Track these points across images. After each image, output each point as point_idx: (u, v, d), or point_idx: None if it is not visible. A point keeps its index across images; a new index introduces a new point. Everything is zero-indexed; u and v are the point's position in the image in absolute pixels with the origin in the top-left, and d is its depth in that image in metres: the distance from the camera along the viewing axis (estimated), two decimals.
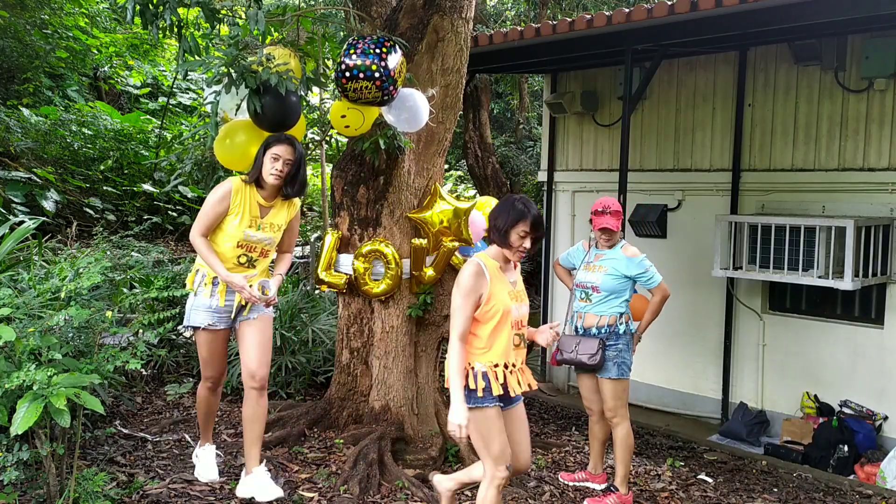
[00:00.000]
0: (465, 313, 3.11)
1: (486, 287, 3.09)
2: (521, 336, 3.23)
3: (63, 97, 12.30)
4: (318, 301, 6.05)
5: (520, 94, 12.89)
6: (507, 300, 3.13)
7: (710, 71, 6.76)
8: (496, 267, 3.19)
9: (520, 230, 3.09)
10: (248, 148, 3.58)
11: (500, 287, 3.14)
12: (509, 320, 3.13)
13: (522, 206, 3.12)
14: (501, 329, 3.13)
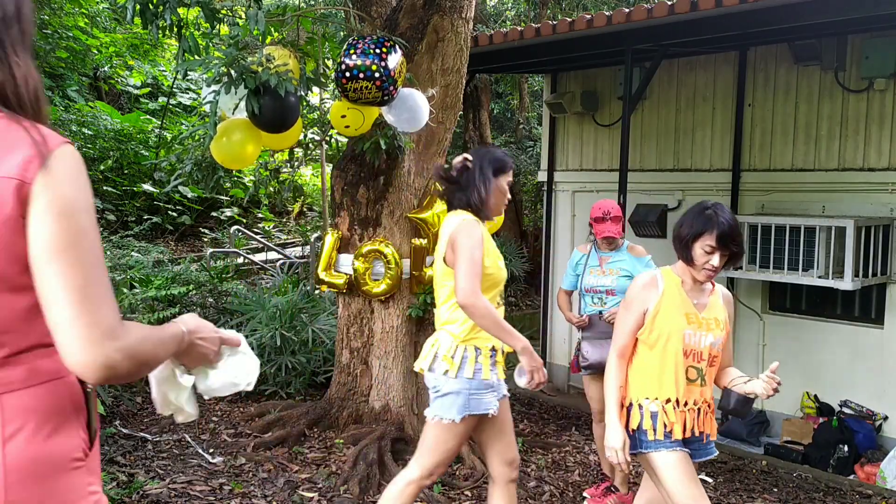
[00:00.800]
0: (624, 327, 2.73)
1: (653, 302, 2.68)
2: (700, 371, 2.67)
3: (63, 97, 12.29)
4: (318, 301, 6.05)
5: (520, 94, 12.89)
6: (681, 323, 2.64)
7: (710, 71, 6.76)
8: (677, 283, 2.71)
9: (705, 244, 2.60)
10: (245, 147, 3.57)
11: (675, 306, 2.67)
12: (679, 347, 2.64)
13: (712, 214, 2.62)
14: (668, 356, 2.66)
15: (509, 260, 9.53)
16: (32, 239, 1.08)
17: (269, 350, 5.35)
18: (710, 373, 2.72)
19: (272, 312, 5.55)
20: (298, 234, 12.17)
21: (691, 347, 2.65)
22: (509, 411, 2.96)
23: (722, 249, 2.60)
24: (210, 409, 5.16)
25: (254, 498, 3.80)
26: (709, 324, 2.68)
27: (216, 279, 6.18)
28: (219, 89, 3.26)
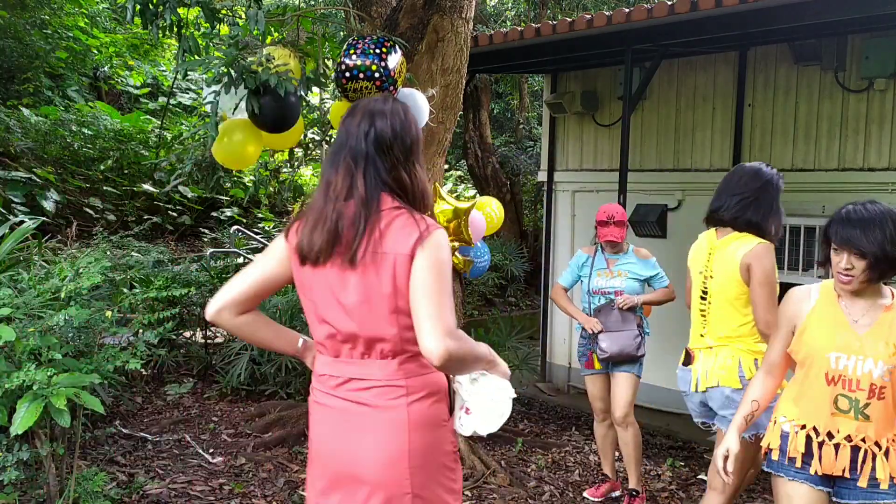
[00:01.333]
0: (774, 342, 2.48)
1: (802, 318, 2.39)
2: (853, 402, 2.26)
3: (63, 97, 12.29)
4: None
5: (520, 94, 12.89)
6: (827, 344, 2.29)
7: (710, 71, 6.76)
8: (832, 297, 2.37)
9: (832, 244, 2.35)
10: (245, 147, 3.57)
11: (824, 324, 2.33)
12: (822, 371, 2.29)
13: (847, 213, 2.32)
14: (811, 379, 2.34)
15: (509, 260, 9.53)
16: (414, 282, 1.78)
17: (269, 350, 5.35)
18: (879, 407, 2.24)
19: (272, 312, 5.55)
20: None
21: (839, 373, 2.26)
22: None
23: (846, 248, 2.25)
24: (210, 408, 5.16)
25: (254, 498, 3.80)
26: (872, 348, 2.24)
27: (216, 279, 6.18)
28: (219, 89, 3.25)
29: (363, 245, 1.81)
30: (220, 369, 5.56)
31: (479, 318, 8.62)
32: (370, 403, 1.85)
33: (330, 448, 1.91)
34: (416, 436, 1.84)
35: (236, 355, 5.45)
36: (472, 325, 6.80)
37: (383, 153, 1.87)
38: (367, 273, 1.82)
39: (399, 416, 1.84)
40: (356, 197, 1.84)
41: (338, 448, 1.89)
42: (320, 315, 1.89)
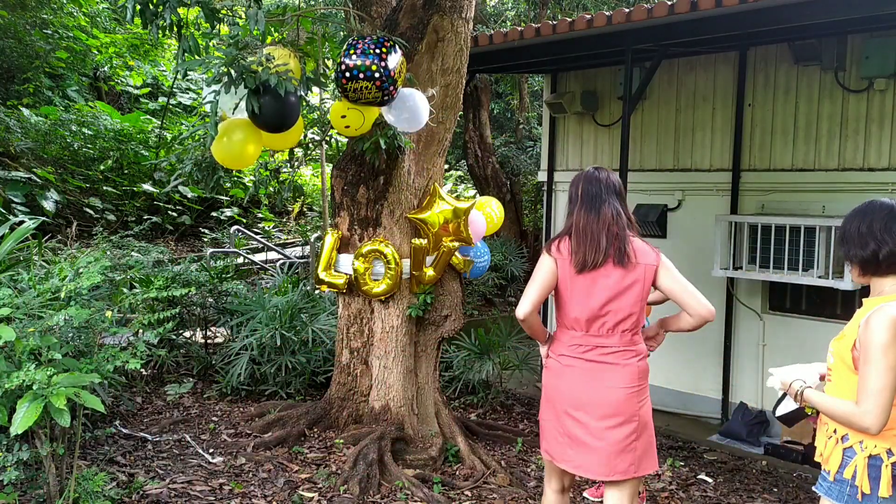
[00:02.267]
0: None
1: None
2: None
3: (63, 97, 12.29)
4: (318, 301, 6.05)
5: (520, 94, 12.90)
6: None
7: (710, 71, 6.76)
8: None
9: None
10: (245, 147, 3.57)
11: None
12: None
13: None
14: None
15: (509, 260, 9.53)
16: (670, 282, 2.91)
17: (269, 350, 5.35)
18: None
19: (272, 312, 5.55)
20: (298, 234, 12.18)
21: None
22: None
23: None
24: (210, 408, 5.16)
25: (254, 498, 3.80)
26: None
27: (216, 279, 6.18)
28: (219, 89, 3.25)
29: (624, 257, 2.85)
30: (220, 369, 5.56)
31: (479, 318, 8.62)
32: (613, 362, 2.89)
33: (577, 389, 2.91)
34: (643, 381, 2.92)
35: (236, 355, 5.45)
36: (472, 325, 6.81)
37: (622, 200, 2.96)
38: (626, 276, 2.85)
39: (633, 368, 2.90)
40: (617, 226, 2.88)
41: (584, 389, 2.90)
42: (582, 304, 2.87)
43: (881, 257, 2.32)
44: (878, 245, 2.33)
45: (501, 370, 6.29)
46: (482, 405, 6.03)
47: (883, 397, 2.21)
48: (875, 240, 2.33)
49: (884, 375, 2.21)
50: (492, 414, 5.93)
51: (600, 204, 2.91)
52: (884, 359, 2.21)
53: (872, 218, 2.36)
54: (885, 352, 2.21)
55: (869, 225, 2.36)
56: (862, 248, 2.36)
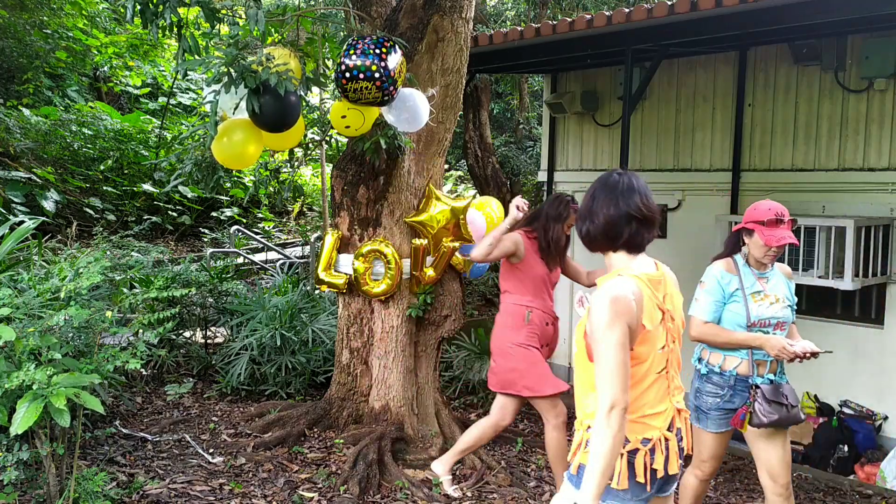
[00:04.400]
0: None
1: None
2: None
3: (63, 97, 12.29)
4: (318, 301, 6.05)
5: (520, 94, 12.89)
6: None
7: (710, 71, 6.76)
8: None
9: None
10: (246, 147, 3.57)
11: None
12: None
13: None
14: None
15: None
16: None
17: (269, 350, 5.35)
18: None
19: (272, 312, 5.55)
20: (298, 234, 12.18)
21: None
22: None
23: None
24: (210, 408, 5.16)
25: (254, 498, 3.80)
26: None
27: (216, 279, 6.18)
28: (219, 89, 3.25)
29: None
30: (220, 369, 5.56)
31: (479, 318, 8.61)
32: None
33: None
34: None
35: (236, 355, 5.45)
36: (472, 325, 6.80)
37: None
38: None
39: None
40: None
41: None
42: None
43: (599, 232, 2.28)
44: (595, 219, 2.28)
45: None
46: (482, 405, 6.02)
47: (617, 376, 2.09)
48: (594, 214, 2.29)
49: (613, 355, 2.10)
50: None
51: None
52: (610, 337, 2.11)
53: (595, 192, 2.32)
54: (609, 330, 2.11)
55: (593, 197, 2.32)
56: (584, 221, 2.33)
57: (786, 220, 3.24)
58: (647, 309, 2.19)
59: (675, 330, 2.30)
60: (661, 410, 2.25)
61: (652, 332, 2.21)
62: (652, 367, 2.23)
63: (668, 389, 2.28)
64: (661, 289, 2.28)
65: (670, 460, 2.23)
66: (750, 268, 3.35)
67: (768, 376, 3.30)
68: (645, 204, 2.25)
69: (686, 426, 2.36)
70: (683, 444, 2.31)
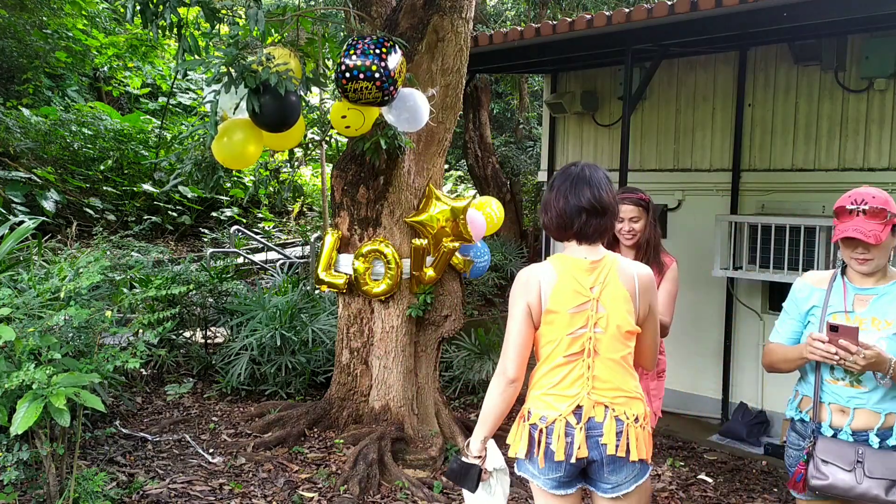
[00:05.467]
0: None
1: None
2: None
3: (63, 97, 12.29)
4: (318, 301, 6.05)
5: (520, 94, 12.89)
6: None
7: (710, 71, 6.76)
8: None
9: None
10: (246, 146, 3.57)
11: None
12: None
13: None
14: None
15: (509, 260, 9.53)
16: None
17: (269, 350, 5.35)
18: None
19: (272, 312, 5.55)
20: (298, 234, 12.18)
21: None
22: None
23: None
24: (210, 409, 5.16)
25: (254, 498, 3.80)
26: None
27: (216, 279, 6.18)
28: (219, 89, 3.25)
29: None
30: (220, 369, 5.56)
31: (479, 318, 8.61)
32: None
33: None
34: None
35: (236, 355, 5.45)
36: (472, 325, 6.81)
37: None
38: None
39: None
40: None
41: None
42: None
43: (552, 223, 2.37)
44: (548, 210, 2.38)
45: None
46: (482, 405, 6.03)
47: (509, 346, 2.31)
48: (548, 206, 2.38)
49: (510, 327, 2.32)
50: None
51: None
52: (511, 311, 2.34)
53: (552, 183, 2.41)
54: (511, 305, 2.34)
55: (550, 189, 2.41)
56: (542, 213, 2.43)
57: (864, 208, 2.45)
58: (557, 291, 2.29)
59: (603, 320, 2.29)
60: (567, 394, 2.29)
61: (559, 315, 2.28)
62: (558, 350, 2.30)
63: (583, 377, 2.29)
64: (591, 276, 2.32)
65: (574, 447, 2.26)
66: (847, 280, 2.57)
67: (851, 430, 2.41)
68: (595, 196, 2.32)
69: (612, 424, 2.27)
70: (605, 440, 2.26)
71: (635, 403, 2.33)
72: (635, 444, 2.28)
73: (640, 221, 3.55)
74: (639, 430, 2.30)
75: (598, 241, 2.37)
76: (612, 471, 2.29)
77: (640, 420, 2.31)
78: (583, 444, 2.25)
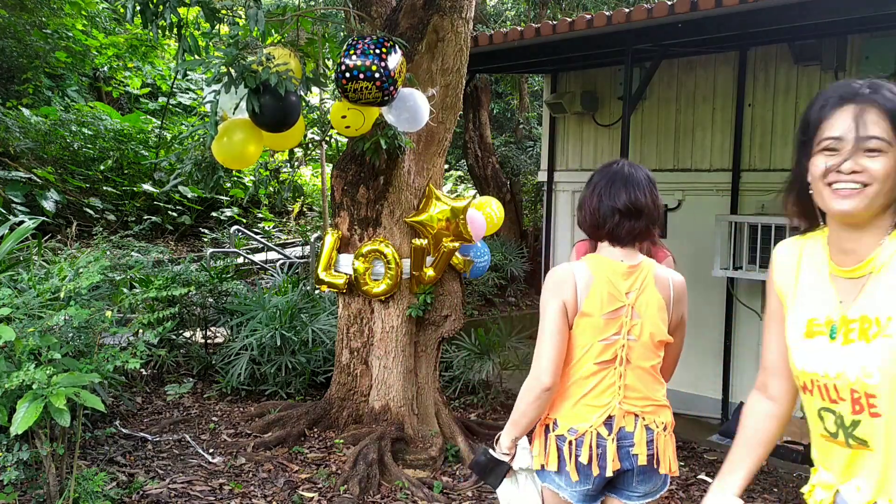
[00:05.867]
0: None
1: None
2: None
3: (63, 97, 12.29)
4: (318, 301, 6.05)
5: (520, 94, 12.89)
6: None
7: (710, 71, 6.76)
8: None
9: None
10: (246, 146, 3.57)
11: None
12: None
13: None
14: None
15: (509, 260, 9.53)
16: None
17: (269, 350, 5.34)
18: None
19: (272, 312, 5.55)
20: (298, 234, 12.17)
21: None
22: None
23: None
24: (210, 409, 5.16)
25: (254, 498, 3.80)
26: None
27: (216, 279, 6.18)
28: (219, 89, 3.25)
29: None
30: (220, 369, 5.55)
31: (479, 318, 8.61)
32: None
33: None
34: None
35: (236, 355, 5.45)
36: (472, 325, 6.81)
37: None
38: None
39: None
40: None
41: None
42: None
43: (586, 222, 2.32)
44: (583, 208, 2.34)
45: (501, 370, 6.29)
46: (482, 405, 6.02)
47: (543, 349, 2.17)
48: (583, 205, 2.34)
49: (545, 325, 2.19)
50: (492, 414, 5.92)
51: None
52: (544, 309, 2.22)
53: (591, 181, 2.37)
54: (544, 303, 2.22)
55: (588, 186, 2.37)
56: (578, 210, 2.38)
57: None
58: (593, 294, 2.19)
59: (637, 328, 2.22)
60: (597, 404, 2.20)
61: (593, 319, 2.18)
62: (589, 355, 2.20)
63: (615, 386, 2.20)
64: (628, 281, 2.24)
65: (606, 459, 2.17)
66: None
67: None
68: (631, 197, 2.31)
69: (642, 433, 2.21)
70: (636, 450, 2.21)
71: (664, 412, 2.28)
72: (664, 455, 2.24)
73: None
74: (667, 438, 2.26)
75: (633, 244, 2.31)
76: (641, 480, 2.25)
77: (668, 428, 2.27)
78: (615, 456, 2.19)
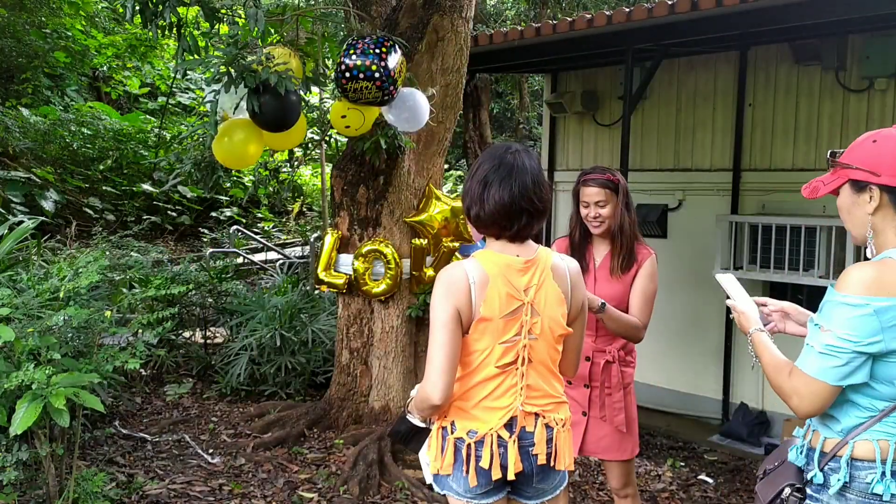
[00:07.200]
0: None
1: None
2: None
3: (62, 97, 12.28)
4: (318, 301, 6.04)
5: (520, 94, 12.89)
6: None
7: (711, 71, 6.75)
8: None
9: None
10: (247, 146, 3.56)
11: None
12: None
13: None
14: None
15: None
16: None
17: (268, 350, 5.34)
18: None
19: (272, 312, 5.54)
20: (298, 234, 12.17)
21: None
22: None
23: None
24: (209, 409, 5.16)
25: (253, 498, 3.80)
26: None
27: (216, 279, 6.17)
28: (219, 89, 3.25)
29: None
30: (220, 369, 5.55)
31: None
32: None
33: None
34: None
35: (236, 355, 5.44)
36: None
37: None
38: None
39: None
40: None
41: None
42: None
43: (488, 219, 2.07)
44: (484, 204, 2.06)
45: None
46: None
47: (433, 363, 1.98)
48: (483, 198, 2.07)
49: (434, 337, 1.99)
50: None
51: None
52: (435, 316, 2.00)
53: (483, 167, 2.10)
54: (435, 310, 2.00)
55: (483, 178, 2.09)
56: (474, 204, 2.10)
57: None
58: (490, 295, 2.01)
59: (537, 326, 2.07)
60: (497, 406, 2.06)
61: (492, 323, 2.02)
62: (490, 359, 2.04)
63: (517, 387, 2.07)
64: (525, 277, 2.06)
65: (508, 460, 2.05)
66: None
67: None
68: (538, 195, 2.05)
69: (542, 432, 2.10)
70: (537, 450, 2.09)
71: (563, 408, 2.17)
72: (563, 452, 2.14)
73: (607, 206, 2.96)
74: (566, 433, 2.16)
75: (528, 238, 2.12)
76: (540, 480, 2.16)
77: (566, 424, 2.17)
78: (517, 458, 2.07)
